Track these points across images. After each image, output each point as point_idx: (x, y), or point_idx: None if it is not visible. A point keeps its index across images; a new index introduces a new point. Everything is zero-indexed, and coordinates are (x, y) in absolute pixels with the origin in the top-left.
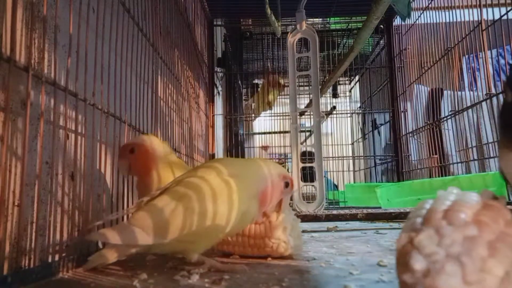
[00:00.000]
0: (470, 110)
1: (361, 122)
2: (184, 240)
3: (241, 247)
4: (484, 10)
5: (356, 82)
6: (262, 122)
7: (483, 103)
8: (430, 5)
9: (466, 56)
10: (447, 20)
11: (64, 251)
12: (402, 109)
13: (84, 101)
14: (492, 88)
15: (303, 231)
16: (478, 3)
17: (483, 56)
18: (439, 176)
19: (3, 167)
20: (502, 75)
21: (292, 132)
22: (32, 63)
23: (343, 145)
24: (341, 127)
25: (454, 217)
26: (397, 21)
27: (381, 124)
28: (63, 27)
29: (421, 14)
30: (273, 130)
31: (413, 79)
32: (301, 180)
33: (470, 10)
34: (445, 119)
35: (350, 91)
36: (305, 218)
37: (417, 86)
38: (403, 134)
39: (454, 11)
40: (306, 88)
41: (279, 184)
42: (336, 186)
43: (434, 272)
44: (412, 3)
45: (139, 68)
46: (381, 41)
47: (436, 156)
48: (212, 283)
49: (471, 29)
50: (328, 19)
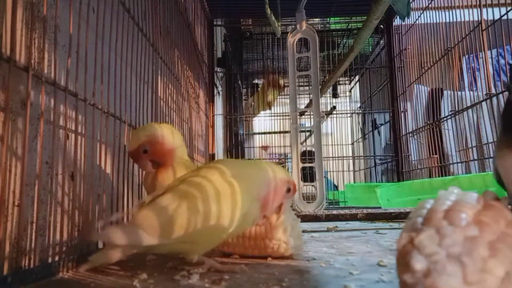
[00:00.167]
0: (470, 110)
1: (361, 122)
2: (186, 241)
3: (242, 248)
4: (484, 10)
5: (356, 82)
6: (262, 122)
7: (483, 103)
8: (430, 5)
9: (466, 56)
10: (447, 20)
11: (64, 251)
12: (402, 109)
13: (84, 101)
14: (492, 88)
15: (303, 231)
16: (478, 3)
17: (483, 56)
18: (439, 176)
19: (3, 167)
20: (502, 75)
21: (292, 132)
22: (32, 63)
23: (343, 145)
24: (341, 127)
25: (455, 217)
26: (397, 21)
27: (381, 124)
28: (63, 27)
29: (421, 14)
30: (273, 130)
31: (413, 79)
32: (301, 180)
33: (470, 10)
34: (445, 119)
35: (350, 91)
36: (305, 218)
37: (417, 86)
38: (403, 134)
39: (454, 11)
40: (306, 88)
41: (282, 189)
42: (336, 186)
43: (435, 272)
44: (412, 3)
45: (139, 68)
46: (381, 41)
47: (436, 156)
48: (212, 283)
49: (471, 29)
50: (328, 19)
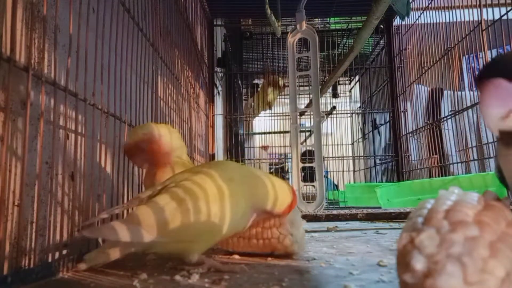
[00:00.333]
0: (470, 110)
1: (361, 122)
2: (185, 240)
3: (247, 239)
4: (484, 10)
5: (356, 82)
6: (262, 122)
7: None
8: (430, 5)
9: (466, 56)
10: (447, 20)
11: (64, 251)
12: (402, 109)
13: (84, 101)
14: None
15: None
16: (478, 3)
17: (483, 56)
18: (439, 176)
19: (3, 167)
20: None
21: (292, 132)
22: (32, 63)
23: (343, 145)
24: (341, 127)
25: (456, 217)
26: (397, 21)
27: (381, 124)
28: (63, 27)
29: (421, 14)
30: (273, 130)
31: (413, 79)
32: (301, 180)
33: (470, 10)
34: (445, 119)
35: (350, 91)
36: (305, 218)
37: (417, 86)
38: (403, 134)
39: (454, 11)
40: (306, 88)
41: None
42: (336, 186)
43: (435, 273)
44: (412, 3)
45: (139, 68)
46: (381, 41)
47: (436, 156)
48: (212, 283)
49: (471, 29)
50: (328, 19)
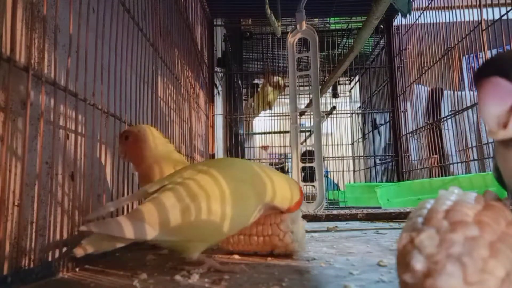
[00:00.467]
0: (470, 110)
1: (361, 122)
2: (190, 237)
3: (247, 236)
4: (484, 10)
5: (356, 82)
6: (262, 122)
7: None
8: (430, 5)
9: (466, 56)
10: (447, 20)
11: (64, 251)
12: (402, 109)
13: (84, 101)
14: None
15: None
16: (478, 3)
17: (483, 56)
18: (439, 176)
19: (3, 167)
20: None
21: (292, 132)
22: (32, 63)
23: (343, 145)
24: (341, 127)
25: (455, 217)
26: (397, 21)
27: (381, 124)
28: (63, 27)
29: (421, 14)
30: (273, 130)
31: (413, 79)
32: (301, 180)
33: (470, 10)
34: (445, 119)
35: (350, 91)
36: (305, 218)
37: (417, 86)
38: (403, 134)
39: (454, 11)
40: (306, 88)
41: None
42: (338, 186)
43: (435, 273)
44: (412, 3)
45: (139, 68)
46: (381, 41)
47: (436, 156)
48: (212, 283)
49: (471, 29)
50: (328, 19)
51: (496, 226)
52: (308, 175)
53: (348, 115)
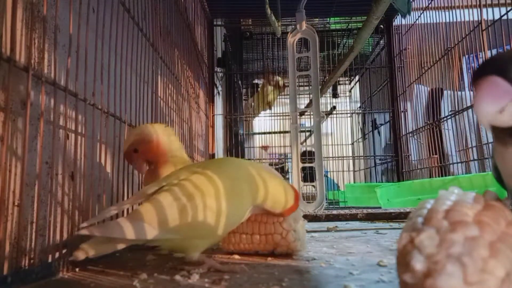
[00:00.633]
0: (470, 110)
1: (361, 122)
2: (189, 236)
3: (249, 235)
4: (484, 10)
5: (356, 82)
6: (262, 122)
7: None
8: (430, 5)
9: (466, 56)
10: (447, 20)
11: (64, 251)
12: (402, 109)
13: (84, 101)
14: None
15: None
16: (478, 3)
17: (483, 56)
18: (439, 176)
19: (3, 167)
20: None
21: (292, 132)
22: (32, 63)
23: (343, 145)
24: (341, 127)
25: (455, 217)
26: (397, 21)
27: (381, 124)
28: (63, 27)
29: (421, 14)
30: (273, 130)
31: (413, 79)
32: (301, 180)
33: (470, 10)
34: (445, 119)
35: (350, 91)
36: (305, 218)
37: (417, 86)
38: (403, 134)
39: (454, 11)
40: (306, 88)
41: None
42: (338, 186)
43: (435, 273)
44: (412, 3)
45: (139, 68)
46: (381, 41)
47: (436, 156)
48: (212, 283)
49: (471, 29)
50: (328, 19)
51: (496, 226)
52: (308, 175)
53: (348, 115)
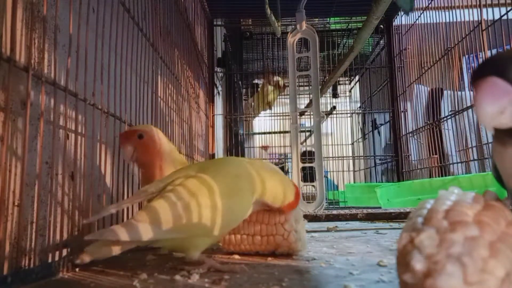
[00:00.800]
0: (470, 110)
1: (361, 122)
2: (188, 235)
3: (251, 236)
4: (484, 10)
5: (356, 82)
6: (262, 122)
7: None
8: (430, 5)
9: (466, 56)
10: (447, 20)
11: (64, 251)
12: (402, 109)
13: (84, 101)
14: None
15: None
16: (478, 3)
17: (483, 56)
18: (439, 176)
19: (3, 167)
20: None
21: (292, 132)
22: (32, 63)
23: (343, 145)
24: (341, 127)
25: (455, 217)
26: (397, 21)
27: (381, 124)
28: (63, 27)
29: (421, 14)
30: (273, 130)
31: (413, 79)
32: (301, 180)
33: (470, 10)
34: (445, 119)
35: (350, 91)
36: (305, 218)
37: (417, 86)
38: (403, 134)
39: (454, 11)
40: (306, 88)
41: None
42: (337, 186)
43: (435, 273)
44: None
45: (139, 68)
46: (381, 41)
47: (436, 156)
48: (212, 283)
49: (471, 29)
50: (328, 19)
51: (496, 226)
52: (308, 175)
53: (348, 115)
